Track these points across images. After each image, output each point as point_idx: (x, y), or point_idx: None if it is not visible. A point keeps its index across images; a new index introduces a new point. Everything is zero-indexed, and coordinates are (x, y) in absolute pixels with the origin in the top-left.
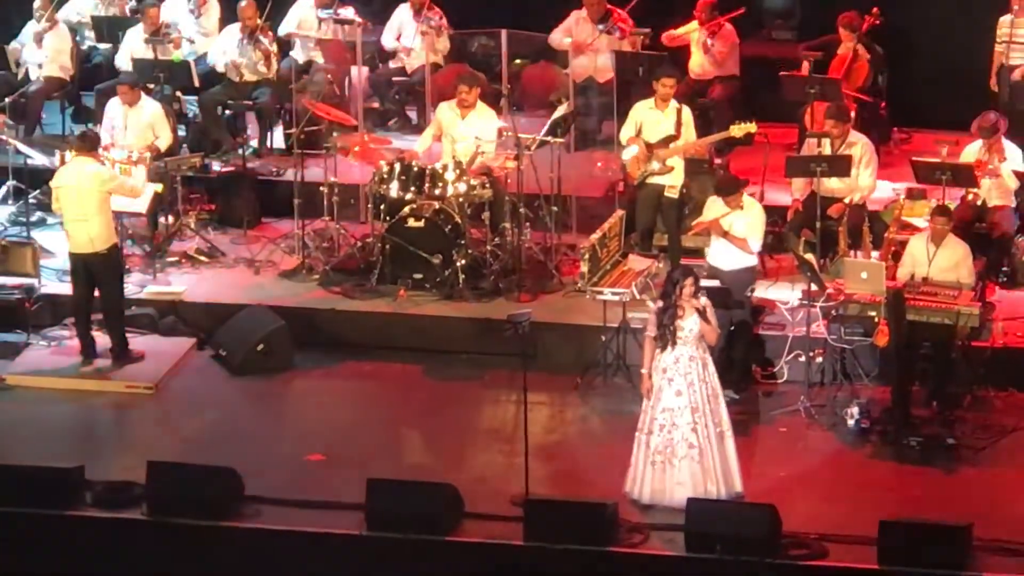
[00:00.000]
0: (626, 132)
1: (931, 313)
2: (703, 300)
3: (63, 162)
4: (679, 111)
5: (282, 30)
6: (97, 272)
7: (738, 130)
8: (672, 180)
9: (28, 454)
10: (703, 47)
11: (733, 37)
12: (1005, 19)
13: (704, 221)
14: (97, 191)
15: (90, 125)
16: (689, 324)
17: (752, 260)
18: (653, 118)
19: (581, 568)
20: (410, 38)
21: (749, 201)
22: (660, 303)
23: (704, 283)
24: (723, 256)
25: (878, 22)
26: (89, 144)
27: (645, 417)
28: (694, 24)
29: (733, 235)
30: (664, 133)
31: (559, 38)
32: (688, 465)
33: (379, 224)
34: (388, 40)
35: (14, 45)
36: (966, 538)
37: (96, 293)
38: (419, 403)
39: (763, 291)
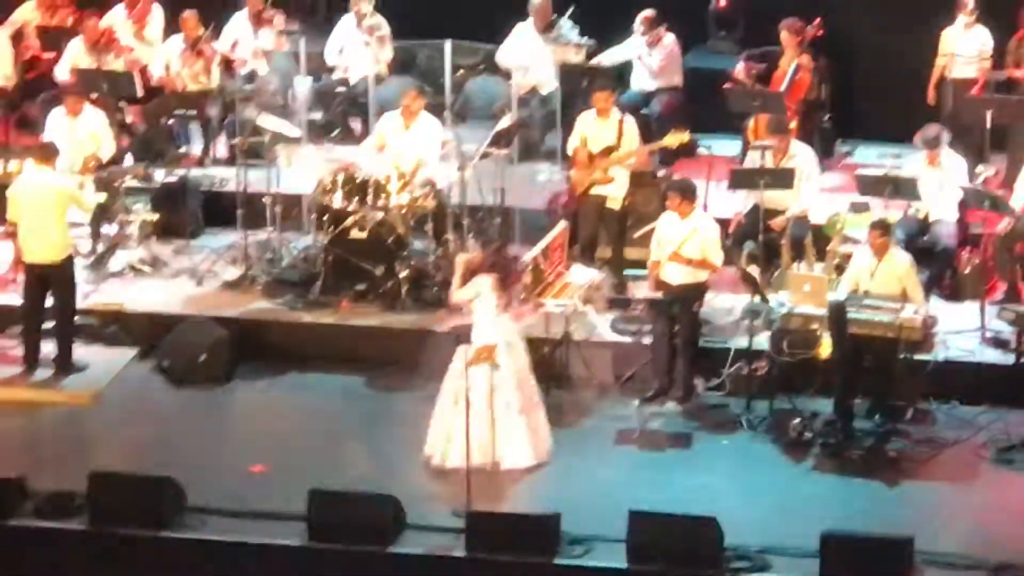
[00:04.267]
0: (572, 142)
1: (873, 326)
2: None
3: (5, 171)
4: (621, 121)
5: (218, 46)
6: (53, 282)
7: (672, 139)
8: (614, 191)
9: None
10: (640, 59)
11: (674, 49)
12: (950, 31)
13: (671, 253)
14: (57, 203)
15: (34, 135)
16: None
17: (703, 275)
18: (596, 128)
19: None
20: (353, 48)
21: (701, 217)
22: None
23: (644, 295)
24: (672, 270)
25: (820, 33)
26: (47, 154)
27: None
28: (637, 36)
29: (693, 258)
30: (606, 143)
31: (503, 57)
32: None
33: (322, 235)
34: (331, 57)
35: None
36: (908, 551)
37: (48, 303)
38: (361, 414)
39: (707, 303)
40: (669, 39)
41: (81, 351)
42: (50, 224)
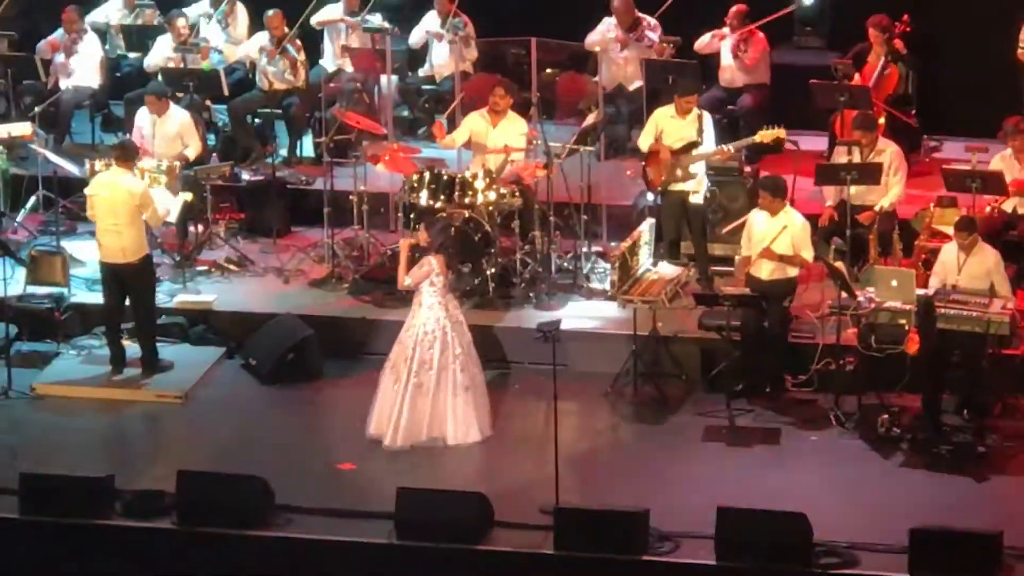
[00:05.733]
0: (645, 139)
1: (961, 321)
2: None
3: (92, 171)
4: (700, 117)
5: (315, 19)
6: (128, 282)
7: (765, 135)
8: (694, 186)
9: (58, 463)
10: (733, 54)
11: (764, 45)
12: None
13: (762, 250)
14: (130, 204)
15: (120, 134)
16: None
17: (793, 271)
18: (674, 125)
19: None
20: (438, 46)
21: (791, 213)
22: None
23: (733, 290)
24: (763, 265)
25: (908, 29)
26: (127, 154)
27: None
28: (725, 31)
29: (785, 253)
30: (685, 140)
31: (595, 40)
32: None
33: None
34: (415, 37)
35: (42, 45)
36: (996, 546)
37: (127, 302)
38: None
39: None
40: (760, 36)
41: (168, 350)
42: (124, 225)
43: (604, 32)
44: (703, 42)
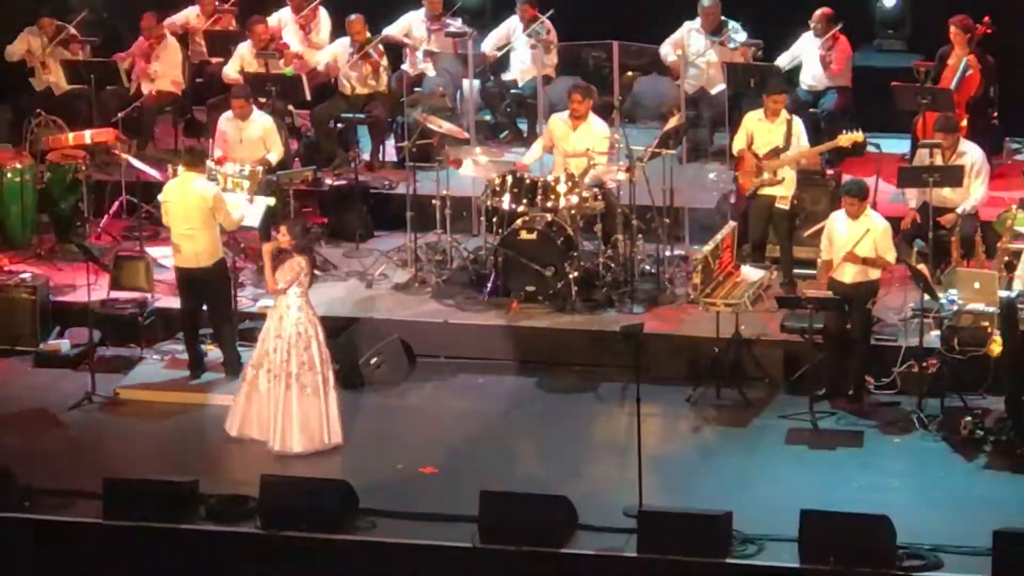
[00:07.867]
0: (738, 143)
1: None
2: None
3: (175, 176)
4: (789, 122)
5: (388, 30)
6: (203, 286)
7: (845, 140)
8: (783, 191)
9: (142, 468)
10: (822, 61)
11: (848, 49)
12: None
13: (845, 253)
14: (203, 208)
15: (202, 139)
16: None
17: (876, 273)
18: (763, 129)
19: None
20: (520, 51)
21: (873, 216)
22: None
23: (816, 293)
24: (845, 268)
25: (990, 31)
26: (196, 159)
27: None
28: (809, 34)
29: (868, 256)
30: (774, 144)
31: (667, 51)
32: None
33: (492, 236)
34: (487, 45)
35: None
36: None
37: (204, 307)
38: (532, 415)
39: (877, 301)
40: (844, 39)
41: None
42: (198, 230)
43: (681, 37)
44: (781, 60)
